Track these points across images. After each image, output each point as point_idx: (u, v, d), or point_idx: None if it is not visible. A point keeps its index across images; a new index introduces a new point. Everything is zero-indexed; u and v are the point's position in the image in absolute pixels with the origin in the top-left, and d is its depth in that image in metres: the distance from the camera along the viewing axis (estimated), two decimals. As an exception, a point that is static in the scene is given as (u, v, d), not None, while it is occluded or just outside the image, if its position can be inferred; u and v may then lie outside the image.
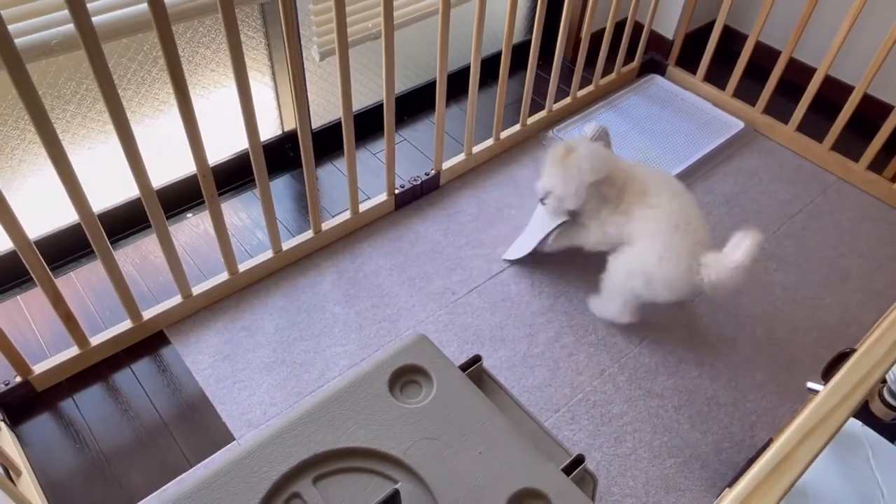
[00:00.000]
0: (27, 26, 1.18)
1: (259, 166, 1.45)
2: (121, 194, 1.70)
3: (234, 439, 1.38)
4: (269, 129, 1.92)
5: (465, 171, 1.97)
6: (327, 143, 1.98)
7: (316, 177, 1.84)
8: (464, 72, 2.11)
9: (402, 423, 0.89)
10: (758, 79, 2.17)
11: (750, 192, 1.96)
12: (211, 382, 1.47)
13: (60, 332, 1.46)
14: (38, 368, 1.42)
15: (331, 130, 1.97)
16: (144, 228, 1.76)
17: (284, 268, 1.69)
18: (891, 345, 0.70)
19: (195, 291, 1.56)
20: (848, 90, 1.92)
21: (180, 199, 1.81)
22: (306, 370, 1.50)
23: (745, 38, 2.04)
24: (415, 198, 1.88)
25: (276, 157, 1.94)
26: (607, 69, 2.22)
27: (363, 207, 1.78)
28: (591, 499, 0.87)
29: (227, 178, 1.87)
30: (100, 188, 1.60)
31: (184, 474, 1.33)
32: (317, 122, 1.96)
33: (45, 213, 1.61)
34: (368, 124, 2.03)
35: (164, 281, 1.64)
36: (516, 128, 2.05)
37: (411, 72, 2.17)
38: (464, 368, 1.02)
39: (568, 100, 2.16)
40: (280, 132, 1.94)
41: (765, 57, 2.31)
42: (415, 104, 2.16)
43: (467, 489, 0.83)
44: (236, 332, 1.55)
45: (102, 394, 1.45)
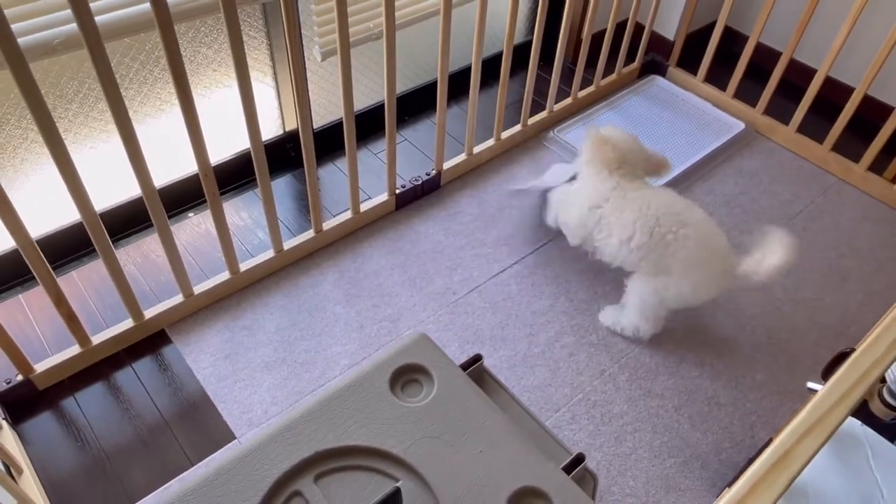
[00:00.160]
0: (30, 25, 1.19)
1: (260, 166, 1.45)
2: (122, 193, 1.71)
3: (235, 438, 1.39)
4: (270, 129, 1.92)
5: (465, 172, 1.97)
6: (328, 142, 1.99)
7: (317, 176, 1.85)
8: (465, 72, 2.12)
9: (403, 422, 0.89)
10: (758, 80, 2.18)
11: (750, 192, 1.97)
12: (212, 381, 1.47)
13: (62, 331, 1.47)
14: (40, 367, 1.42)
15: (332, 130, 1.98)
16: (146, 228, 1.77)
17: (285, 267, 1.69)
18: (890, 344, 0.71)
19: (196, 290, 1.56)
20: (848, 91, 1.92)
21: (182, 198, 1.81)
22: (307, 369, 1.50)
23: (746, 39, 2.05)
24: (416, 198, 1.88)
25: (278, 157, 1.94)
26: (608, 70, 2.23)
27: (364, 207, 1.78)
28: (591, 498, 0.87)
29: (229, 178, 1.88)
30: (102, 187, 1.61)
31: (185, 473, 1.34)
32: (318, 121, 1.96)
33: (48, 212, 1.62)
34: (369, 124, 2.03)
35: (166, 280, 1.65)
36: (517, 128, 2.05)
37: (412, 72, 2.17)
38: (464, 368, 1.02)
39: (569, 100, 2.16)
40: (281, 132, 1.94)
41: (765, 58, 2.31)
42: (416, 104, 2.17)
43: (468, 487, 0.83)
44: (237, 332, 1.56)
45: (104, 392, 1.45)
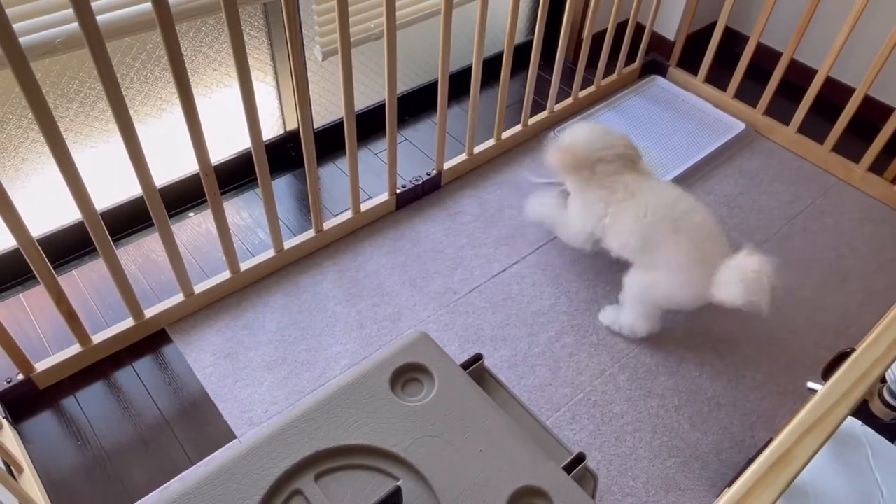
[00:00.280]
0: (31, 25, 1.19)
1: (261, 165, 1.45)
2: (123, 193, 1.71)
3: (236, 437, 1.39)
4: (271, 129, 1.93)
5: (466, 171, 1.97)
6: (329, 142, 1.99)
7: (318, 176, 1.85)
8: (465, 72, 2.12)
9: (404, 421, 0.89)
10: (759, 80, 2.18)
11: (751, 193, 1.97)
12: (212, 380, 1.47)
13: (62, 330, 1.47)
14: (41, 366, 1.42)
15: (333, 130, 1.98)
16: (147, 227, 1.77)
17: (286, 267, 1.69)
18: (890, 344, 0.71)
19: (197, 290, 1.56)
20: (849, 92, 1.93)
21: (182, 197, 1.81)
22: (307, 369, 1.50)
23: (747, 39, 2.05)
24: (416, 197, 1.88)
25: (278, 157, 1.94)
26: (609, 70, 2.23)
27: (365, 207, 1.78)
28: (591, 497, 0.87)
29: (229, 178, 1.88)
30: (102, 186, 1.61)
31: (185, 472, 1.34)
32: (319, 121, 1.96)
33: (48, 211, 1.62)
34: (370, 124, 2.03)
35: (166, 279, 1.65)
36: (518, 128, 2.05)
37: (413, 72, 2.17)
38: (465, 367, 1.02)
39: (569, 100, 2.16)
40: (282, 131, 1.94)
41: (766, 58, 2.31)
42: (416, 104, 2.17)
43: (468, 486, 0.83)
44: (238, 331, 1.56)
45: (104, 391, 1.45)
